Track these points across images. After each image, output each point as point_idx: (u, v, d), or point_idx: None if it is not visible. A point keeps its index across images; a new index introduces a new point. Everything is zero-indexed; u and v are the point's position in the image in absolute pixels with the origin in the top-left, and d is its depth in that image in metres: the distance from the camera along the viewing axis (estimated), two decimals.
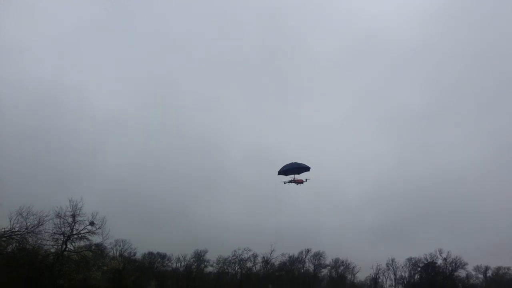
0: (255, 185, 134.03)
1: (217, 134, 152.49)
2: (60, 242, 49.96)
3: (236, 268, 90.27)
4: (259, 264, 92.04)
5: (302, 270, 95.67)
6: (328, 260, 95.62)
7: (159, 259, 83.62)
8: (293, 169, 30.33)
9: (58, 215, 49.26)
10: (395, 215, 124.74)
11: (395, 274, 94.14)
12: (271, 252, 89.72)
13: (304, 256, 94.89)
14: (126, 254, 71.51)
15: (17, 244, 44.42)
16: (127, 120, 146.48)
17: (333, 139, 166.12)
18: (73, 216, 50.12)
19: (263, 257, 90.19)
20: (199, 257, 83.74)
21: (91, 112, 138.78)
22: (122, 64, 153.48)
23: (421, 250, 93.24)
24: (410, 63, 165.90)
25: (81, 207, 50.67)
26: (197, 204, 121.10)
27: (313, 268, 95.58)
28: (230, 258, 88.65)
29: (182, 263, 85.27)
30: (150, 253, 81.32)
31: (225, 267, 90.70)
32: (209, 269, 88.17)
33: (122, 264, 64.74)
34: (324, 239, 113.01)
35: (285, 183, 30.35)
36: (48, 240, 49.09)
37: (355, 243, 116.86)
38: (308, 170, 32.43)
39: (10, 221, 42.65)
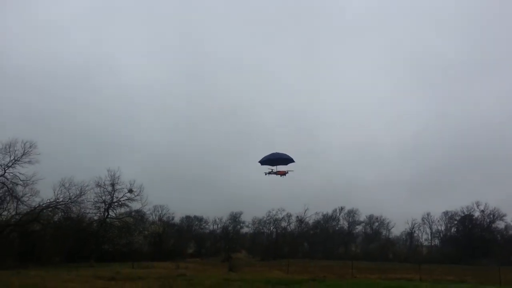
0: (287, 147, 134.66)
1: (249, 99, 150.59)
2: (102, 210, 52.44)
3: (271, 228, 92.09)
4: (293, 223, 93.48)
5: (337, 228, 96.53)
6: (362, 217, 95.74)
7: (196, 222, 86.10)
8: (277, 160, 28.30)
9: (98, 185, 51.49)
10: (430, 169, 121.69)
11: (431, 228, 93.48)
12: (305, 211, 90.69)
13: (338, 214, 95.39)
14: (164, 218, 73.92)
15: (62, 213, 46.81)
16: (160, 89, 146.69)
17: (366, 96, 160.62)
18: (112, 184, 52.21)
19: (297, 216, 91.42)
20: (235, 218, 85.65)
21: (124, 83, 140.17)
22: (153, 34, 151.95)
23: (458, 203, 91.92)
24: (445, 8, 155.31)
25: (119, 176, 52.69)
26: (231, 168, 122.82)
27: (347, 225, 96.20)
28: (265, 219, 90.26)
29: (219, 225, 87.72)
30: (188, 217, 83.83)
31: (260, 227, 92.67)
32: (245, 229, 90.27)
33: (161, 228, 67.23)
34: (357, 196, 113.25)
35: (266, 174, 28.75)
36: (90, 209, 51.70)
37: (390, 199, 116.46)
38: (293, 162, 30.23)
39: (54, 192, 44.84)
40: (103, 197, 52.06)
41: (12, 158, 41.41)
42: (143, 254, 55.95)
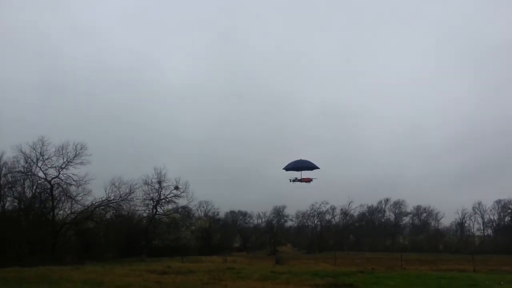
0: (330, 141, 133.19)
1: (291, 92, 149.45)
2: (151, 206, 54.26)
3: (315, 221, 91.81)
4: (338, 216, 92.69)
5: (383, 220, 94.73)
6: (409, 208, 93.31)
7: (240, 217, 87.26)
8: (302, 167, 27.77)
9: (146, 183, 53.26)
10: (481, 157, 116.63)
11: (483, 218, 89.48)
12: (349, 203, 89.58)
13: (383, 206, 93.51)
14: (210, 214, 75.57)
15: (114, 211, 48.92)
16: (203, 86, 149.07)
17: (412, 83, 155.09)
18: (159, 182, 53.86)
19: (342, 209, 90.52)
20: (278, 212, 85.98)
21: (167, 83, 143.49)
22: (192, 34, 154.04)
23: (510, 192, 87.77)
24: None
25: (165, 174, 54.26)
26: (274, 162, 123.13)
27: (393, 217, 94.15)
28: (308, 212, 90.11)
29: (263, 219, 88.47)
30: (232, 212, 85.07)
31: (304, 220, 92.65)
32: (289, 223, 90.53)
33: (208, 223, 68.78)
34: (403, 187, 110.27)
35: (291, 181, 27.92)
36: (140, 206, 53.67)
37: (438, 189, 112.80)
38: (318, 168, 29.71)
39: (106, 191, 46.88)
40: (151, 195, 53.88)
41: (65, 160, 43.46)
42: (191, 248, 57.52)
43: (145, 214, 54.92)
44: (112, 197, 46.88)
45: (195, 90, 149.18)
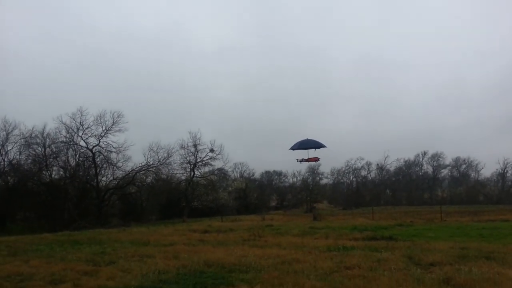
0: (365, 95, 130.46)
1: (323, 48, 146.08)
2: (188, 170, 55.68)
3: (351, 177, 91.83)
4: (374, 172, 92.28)
5: (420, 173, 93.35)
6: (448, 160, 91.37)
7: (276, 176, 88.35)
8: (309, 146, 26.55)
9: (182, 147, 54.46)
10: None
11: None
12: (385, 158, 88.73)
13: (421, 159, 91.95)
14: (245, 175, 76.94)
15: (154, 175, 50.70)
16: (234, 49, 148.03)
17: (450, 32, 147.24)
18: (195, 146, 54.90)
19: (377, 164, 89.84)
20: (313, 170, 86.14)
21: (199, 47, 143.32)
22: None
23: None
24: None
25: (200, 137, 55.17)
26: (308, 121, 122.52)
27: (431, 170, 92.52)
28: (343, 169, 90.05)
29: (298, 178, 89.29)
30: (267, 172, 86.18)
31: (339, 177, 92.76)
32: (324, 181, 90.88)
33: (244, 184, 70.17)
34: (441, 140, 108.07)
35: (298, 161, 26.62)
36: (178, 170, 55.22)
37: (478, 139, 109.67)
38: (325, 147, 28.44)
39: (145, 156, 48.47)
40: (188, 158, 55.16)
41: (103, 128, 44.95)
42: (229, 209, 59.13)
43: (183, 177, 56.55)
44: (151, 162, 48.51)
45: (227, 52, 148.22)
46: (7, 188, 41.88)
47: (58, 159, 43.49)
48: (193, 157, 55.33)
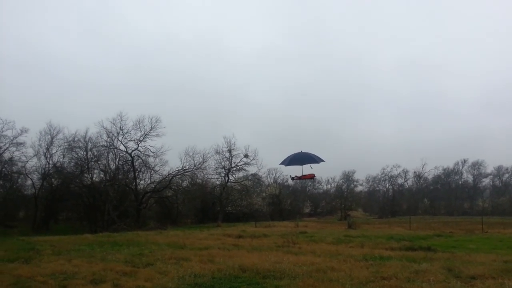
0: (403, 99, 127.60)
1: (364, 51, 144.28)
2: (223, 174, 56.22)
3: (387, 185, 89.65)
4: (411, 180, 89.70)
5: (460, 182, 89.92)
6: (489, 169, 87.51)
7: (309, 183, 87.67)
8: (304, 161, 20.71)
9: (217, 152, 55.09)
10: None
11: None
12: (423, 166, 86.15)
13: (460, 167, 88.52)
14: (279, 180, 76.79)
15: (189, 179, 51.63)
16: (270, 51, 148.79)
17: (498, 38, 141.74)
18: (229, 151, 55.38)
19: (415, 172, 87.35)
20: (348, 177, 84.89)
21: (234, 50, 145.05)
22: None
23: None
24: None
25: (234, 142, 55.61)
26: (343, 127, 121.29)
27: (472, 178, 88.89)
28: (379, 176, 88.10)
29: (332, 185, 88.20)
30: None
31: (375, 185, 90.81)
32: (359, 188, 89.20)
33: (278, 190, 70.05)
34: (482, 147, 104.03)
35: (292, 179, 21.86)
36: (212, 174, 55.90)
37: None
38: (323, 161, 24.05)
39: (181, 161, 49.46)
40: (222, 163, 55.72)
41: (142, 133, 46.25)
42: (262, 214, 59.21)
43: (217, 182, 57.16)
44: (187, 166, 49.37)
45: (265, 56, 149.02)
46: (51, 189, 43.79)
47: (99, 162, 45.05)
48: (227, 162, 55.88)
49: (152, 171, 47.61)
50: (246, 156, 55.50)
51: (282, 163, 21.40)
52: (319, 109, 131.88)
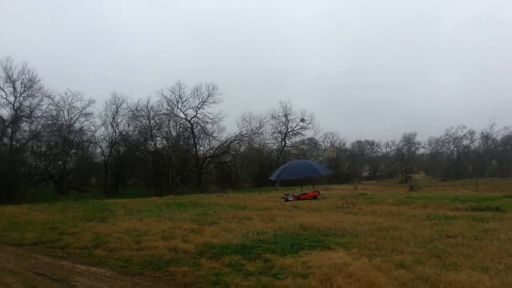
0: (471, 59, 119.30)
1: (429, 8, 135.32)
2: (279, 139, 56.69)
3: (451, 147, 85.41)
4: (477, 141, 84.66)
5: None
6: None
7: (368, 146, 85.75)
8: (300, 172, 14.75)
9: (273, 117, 55.43)
10: None
11: None
12: (491, 126, 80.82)
13: None
14: (336, 144, 75.83)
15: (247, 144, 52.60)
16: (329, 12, 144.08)
17: None
18: (285, 115, 55.51)
19: (482, 133, 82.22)
20: (409, 140, 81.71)
21: (291, 12, 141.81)
22: None
23: None
24: None
25: (290, 107, 55.56)
26: (407, 88, 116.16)
27: None
28: (442, 138, 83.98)
29: (392, 148, 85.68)
30: (359, 142, 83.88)
31: (438, 147, 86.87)
32: (421, 150, 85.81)
33: (335, 153, 69.40)
34: None
35: (285, 200, 15.43)
36: (269, 139, 56.60)
37: None
38: (331, 173, 17.44)
39: (238, 126, 50.40)
40: (279, 128, 56.03)
41: (200, 100, 47.40)
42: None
43: (274, 147, 57.77)
44: (244, 132, 50.23)
45: (323, 18, 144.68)
46: (118, 156, 46.55)
47: (161, 130, 47.00)
48: (284, 127, 56.07)
49: (211, 137, 49.05)
50: (302, 120, 55.35)
51: (271, 178, 14.95)
52: (379, 71, 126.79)
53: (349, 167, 72.27)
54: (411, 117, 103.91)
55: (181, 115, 47.78)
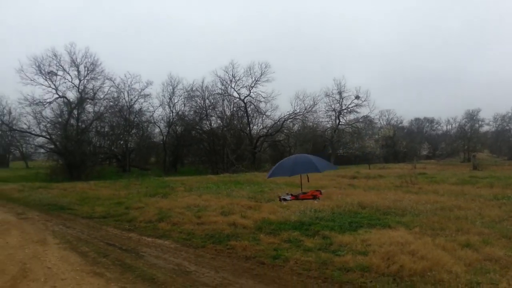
0: None
1: None
2: (333, 117, 55.71)
3: None
4: None
5: None
6: None
7: (427, 124, 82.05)
8: (298, 167, 13.44)
9: (327, 94, 54.41)
10: None
11: None
12: None
13: None
14: (393, 122, 73.21)
15: (300, 123, 52.19)
16: None
17: None
18: (340, 93, 54.28)
19: None
20: (472, 116, 76.99)
21: None
22: None
23: None
24: None
25: (344, 84, 54.20)
26: (468, 64, 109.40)
27: None
28: (510, 114, 78.43)
29: (453, 125, 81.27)
30: (417, 119, 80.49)
31: (504, 124, 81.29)
32: (485, 128, 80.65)
33: (392, 131, 67.07)
34: None
35: (281, 201, 13.35)
36: (323, 117, 55.82)
37: None
38: (336, 168, 18.05)
39: (292, 105, 50.07)
40: (333, 106, 55.01)
41: (253, 79, 47.47)
42: (376, 157, 57.83)
43: (328, 125, 56.93)
44: (298, 110, 49.76)
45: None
46: (176, 136, 48.05)
47: (215, 109, 47.77)
48: (338, 104, 54.96)
49: (264, 116, 49.09)
50: (357, 97, 53.93)
51: (268, 176, 14.72)
52: (438, 47, 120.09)
53: (407, 145, 69.59)
54: (474, 94, 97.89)
55: (235, 94, 48.29)
